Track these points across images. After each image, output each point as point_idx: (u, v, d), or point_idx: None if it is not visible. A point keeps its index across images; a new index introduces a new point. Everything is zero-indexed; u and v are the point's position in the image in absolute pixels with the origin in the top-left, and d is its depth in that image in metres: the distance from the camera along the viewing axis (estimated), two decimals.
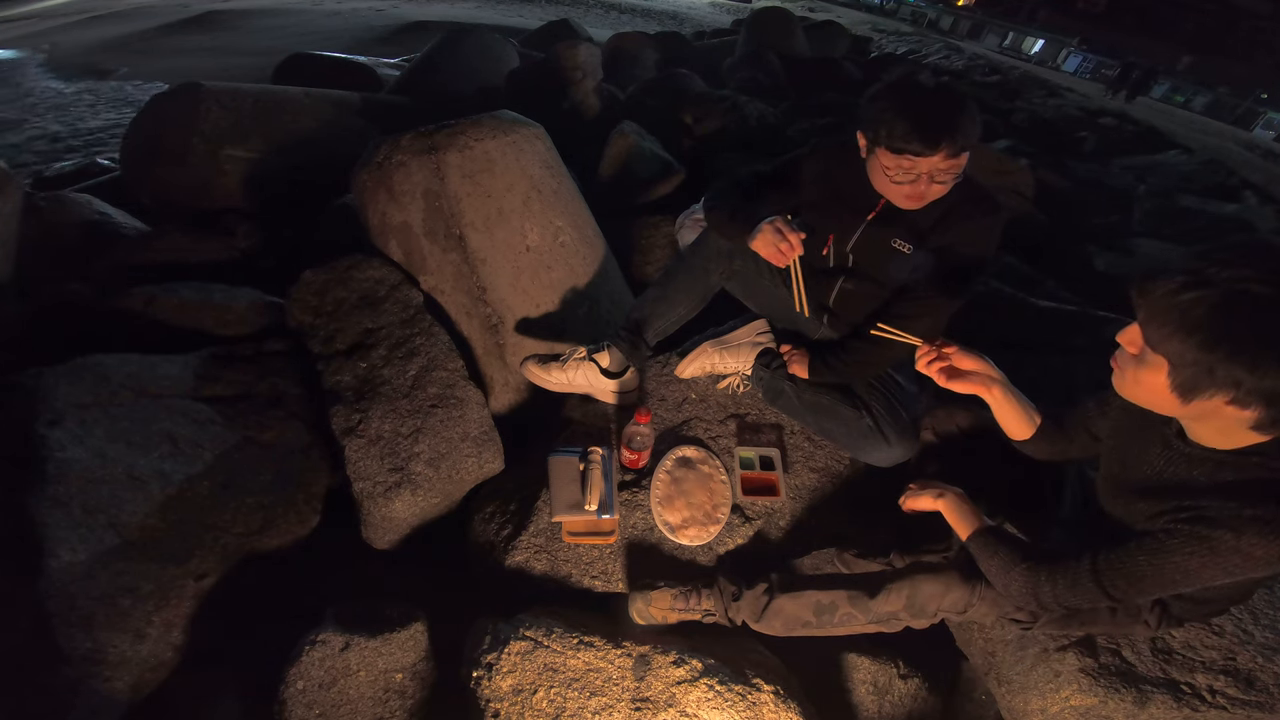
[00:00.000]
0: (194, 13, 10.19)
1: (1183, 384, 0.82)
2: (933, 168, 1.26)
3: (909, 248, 1.41)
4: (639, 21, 13.64)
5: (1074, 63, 17.79)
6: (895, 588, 1.27)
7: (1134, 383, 0.89)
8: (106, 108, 6.44)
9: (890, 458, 1.57)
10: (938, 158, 1.24)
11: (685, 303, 1.67)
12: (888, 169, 1.29)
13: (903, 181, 1.30)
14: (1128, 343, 0.89)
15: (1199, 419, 0.88)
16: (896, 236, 1.42)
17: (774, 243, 1.36)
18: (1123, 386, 0.93)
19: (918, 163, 1.25)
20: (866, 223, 1.45)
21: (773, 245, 1.36)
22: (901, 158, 1.26)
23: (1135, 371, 0.88)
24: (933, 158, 1.24)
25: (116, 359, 1.70)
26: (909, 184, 1.30)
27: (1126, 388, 0.92)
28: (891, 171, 1.29)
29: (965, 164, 1.29)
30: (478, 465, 1.74)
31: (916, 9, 21.72)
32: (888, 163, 1.28)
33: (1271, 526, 0.82)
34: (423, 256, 1.98)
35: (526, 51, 5.45)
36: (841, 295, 1.57)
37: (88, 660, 1.27)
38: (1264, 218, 5.44)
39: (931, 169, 1.26)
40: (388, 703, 1.33)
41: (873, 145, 1.30)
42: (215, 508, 1.55)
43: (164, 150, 2.98)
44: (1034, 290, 2.57)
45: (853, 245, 1.49)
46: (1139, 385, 0.88)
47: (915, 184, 1.30)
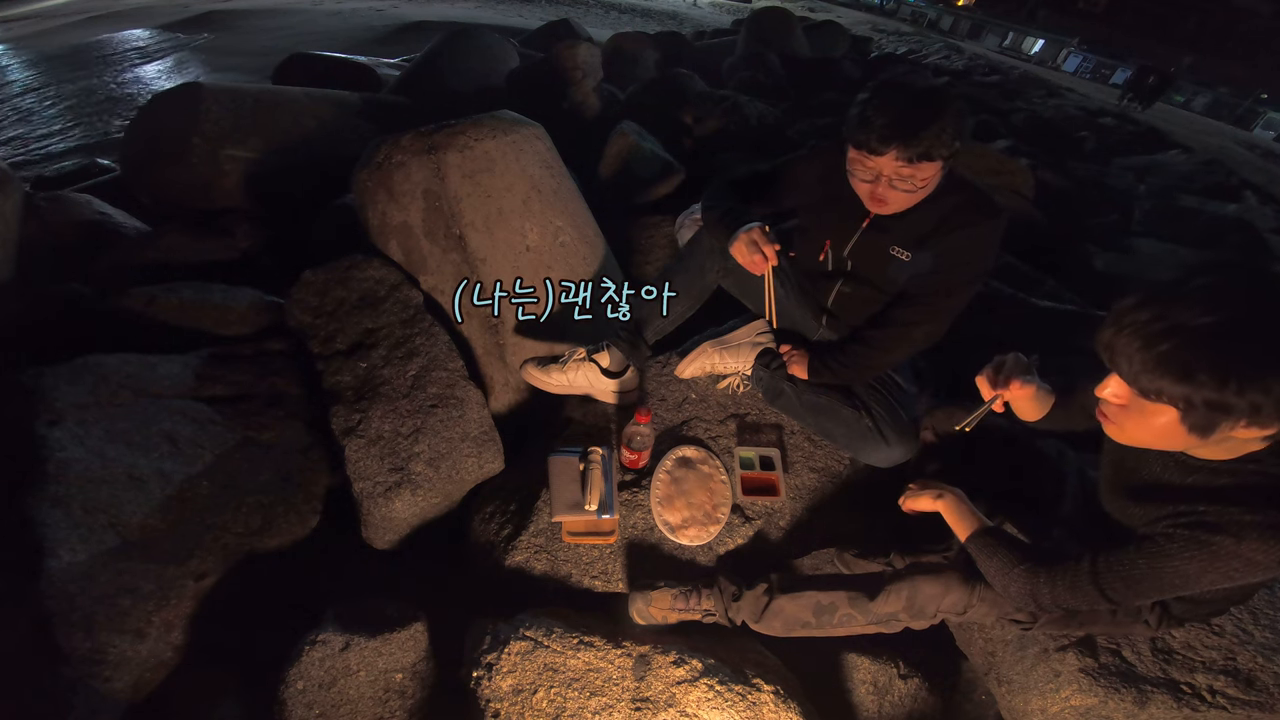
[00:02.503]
0: (194, 13, 10.19)
1: (1199, 424, 0.80)
2: (891, 170, 1.24)
3: (908, 255, 1.39)
4: (639, 21, 13.63)
5: (1074, 63, 17.79)
6: (895, 589, 1.27)
7: (1138, 431, 0.88)
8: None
9: (890, 458, 1.57)
10: (889, 159, 1.22)
11: (682, 300, 1.68)
12: (850, 162, 1.30)
13: (863, 180, 1.30)
14: (1111, 396, 0.87)
15: (1210, 444, 0.86)
16: (895, 243, 1.40)
17: (748, 253, 1.38)
18: (1123, 436, 0.91)
19: (875, 162, 1.24)
20: (862, 229, 1.44)
21: (747, 255, 1.38)
22: (860, 153, 1.25)
23: (1137, 421, 0.86)
24: (883, 158, 1.22)
25: (116, 359, 1.70)
26: (868, 183, 1.30)
27: (1128, 436, 0.90)
28: (853, 166, 1.30)
29: (934, 176, 1.26)
30: (478, 465, 1.74)
31: (916, 9, 21.72)
32: (850, 155, 1.29)
33: (1273, 532, 0.82)
34: (423, 256, 1.98)
35: (526, 51, 5.45)
36: (839, 298, 1.57)
37: (88, 660, 1.27)
38: (1264, 218, 5.44)
39: (891, 171, 1.24)
40: (388, 703, 1.33)
41: (843, 135, 1.30)
42: (215, 508, 1.55)
43: (164, 150, 2.98)
44: (1034, 290, 2.57)
45: (850, 250, 1.48)
46: (1144, 431, 0.87)
47: (875, 185, 1.28)
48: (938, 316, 1.43)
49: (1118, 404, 0.88)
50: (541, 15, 11.59)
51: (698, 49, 7.74)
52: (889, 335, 1.48)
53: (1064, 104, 9.73)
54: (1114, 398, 0.87)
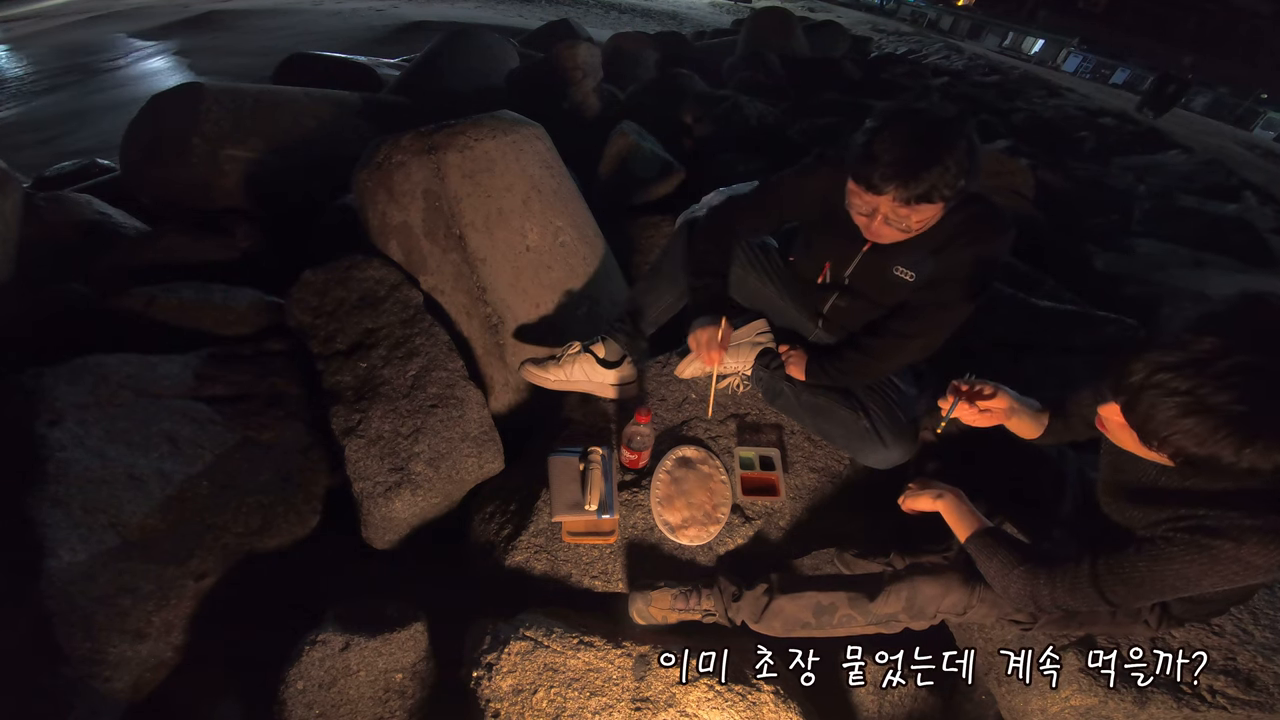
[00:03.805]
0: (194, 13, 10.18)
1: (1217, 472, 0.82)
2: (889, 209, 1.19)
3: (912, 275, 1.37)
4: (639, 21, 13.62)
5: (1074, 63, 17.76)
6: (894, 589, 1.27)
7: (1136, 449, 0.90)
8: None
9: (887, 460, 1.57)
10: (887, 199, 1.17)
11: (672, 290, 1.67)
12: (849, 192, 1.25)
13: (860, 212, 1.26)
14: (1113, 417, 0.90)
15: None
16: (898, 264, 1.37)
17: (698, 348, 1.45)
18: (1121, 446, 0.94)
19: (873, 199, 1.19)
20: (863, 253, 1.42)
21: (698, 349, 1.46)
22: (858, 187, 1.21)
23: (1135, 444, 0.89)
24: (882, 197, 1.18)
25: (116, 359, 1.70)
26: (864, 216, 1.26)
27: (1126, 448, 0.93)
28: (851, 197, 1.25)
29: (934, 216, 1.21)
30: (478, 465, 1.74)
31: (916, 9, 21.69)
32: (850, 186, 1.24)
33: (1273, 536, 0.82)
34: (423, 256, 1.98)
35: (526, 51, 5.44)
36: (835, 310, 1.57)
37: (88, 660, 1.27)
38: (1264, 217, 5.44)
39: (888, 209, 1.19)
40: (388, 703, 1.33)
41: (845, 163, 1.24)
42: (215, 508, 1.55)
43: (164, 150, 2.98)
44: (1034, 290, 2.57)
45: (851, 272, 1.47)
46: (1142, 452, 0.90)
47: (870, 219, 1.25)
48: (937, 330, 1.43)
49: (1118, 424, 0.89)
50: (541, 15, 11.59)
51: (698, 49, 7.74)
52: (886, 345, 1.47)
53: (1064, 104, 9.71)
54: (1117, 422, 0.89)
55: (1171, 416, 0.78)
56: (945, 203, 1.19)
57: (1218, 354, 0.76)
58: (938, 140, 1.14)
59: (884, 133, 1.15)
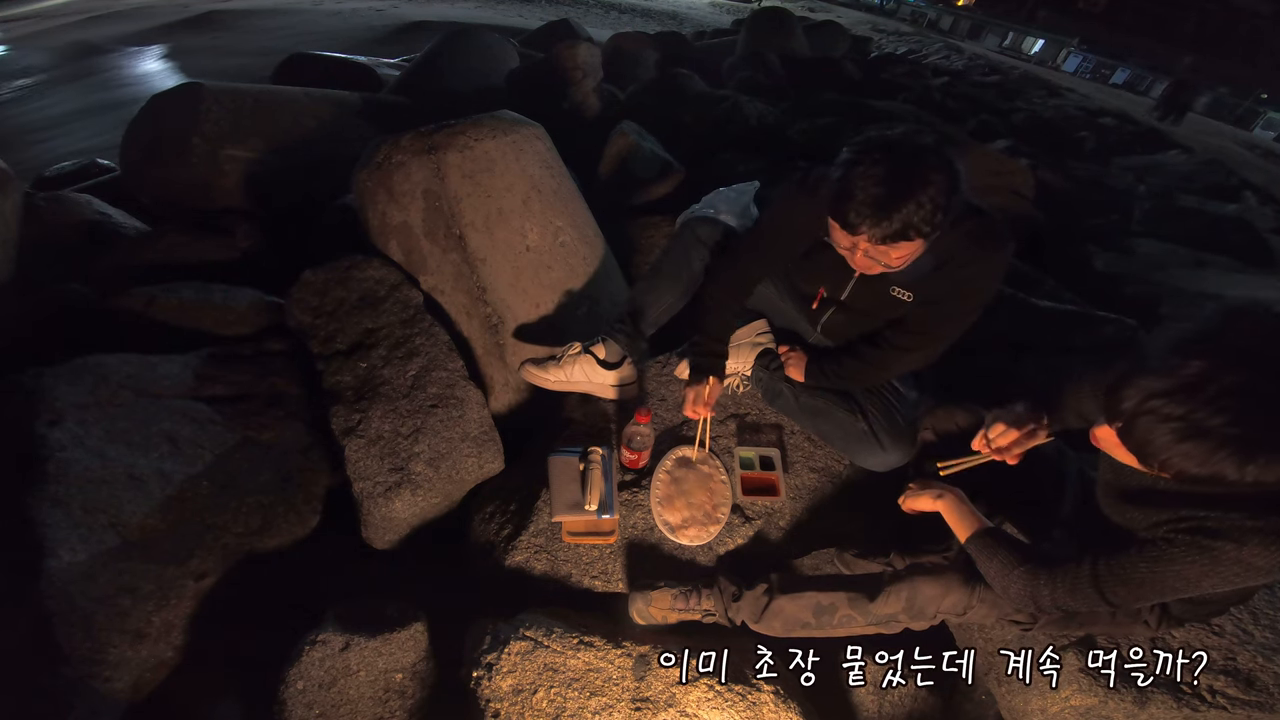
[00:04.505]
0: (194, 13, 10.18)
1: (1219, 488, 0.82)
2: (865, 245, 1.16)
3: (910, 295, 1.37)
4: (639, 21, 13.62)
5: (1074, 63, 17.76)
6: (894, 589, 1.27)
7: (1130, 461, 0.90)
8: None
9: (885, 462, 1.57)
10: (863, 237, 1.14)
11: (672, 290, 1.68)
12: (830, 227, 1.21)
13: (841, 246, 1.24)
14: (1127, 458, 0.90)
15: None
16: (895, 285, 1.36)
17: (692, 402, 1.59)
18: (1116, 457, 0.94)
19: (848, 236, 1.17)
20: (856, 279, 1.41)
21: (692, 402, 1.59)
22: (835, 223, 1.18)
23: (1129, 458, 0.89)
24: (857, 236, 1.14)
25: (116, 359, 1.70)
26: (847, 250, 1.23)
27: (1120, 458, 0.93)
28: (832, 232, 1.22)
29: (914, 252, 1.17)
30: (478, 465, 1.74)
31: (916, 9, 21.69)
32: (830, 221, 1.20)
33: (1275, 538, 0.82)
34: (423, 256, 1.98)
35: (526, 51, 5.44)
36: (833, 322, 1.57)
37: (88, 660, 1.28)
38: (1264, 217, 5.44)
39: (866, 246, 1.16)
40: (388, 703, 1.33)
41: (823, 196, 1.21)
42: (215, 508, 1.55)
43: (164, 150, 2.98)
44: (1034, 290, 2.57)
45: (846, 295, 1.47)
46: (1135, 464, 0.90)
47: (850, 252, 1.22)
48: (935, 343, 1.43)
49: (1115, 444, 0.89)
50: (541, 15, 11.58)
51: (698, 49, 7.74)
52: (885, 356, 1.48)
53: (1064, 104, 9.72)
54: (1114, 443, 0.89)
55: (1168, 441, 0.79)
56: (925, 239, 1.14)
57: (1207, 377, 0.76)
58: (912, 176, 1.08)
59: (857, 169, 1.11)
